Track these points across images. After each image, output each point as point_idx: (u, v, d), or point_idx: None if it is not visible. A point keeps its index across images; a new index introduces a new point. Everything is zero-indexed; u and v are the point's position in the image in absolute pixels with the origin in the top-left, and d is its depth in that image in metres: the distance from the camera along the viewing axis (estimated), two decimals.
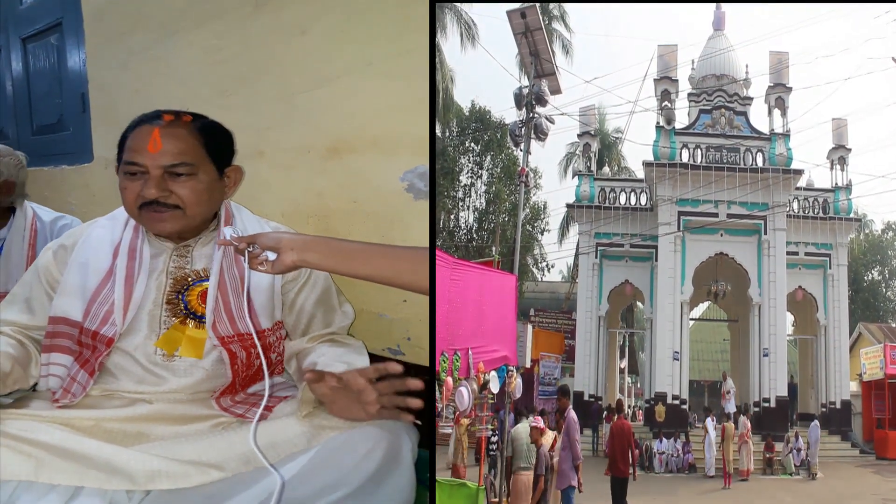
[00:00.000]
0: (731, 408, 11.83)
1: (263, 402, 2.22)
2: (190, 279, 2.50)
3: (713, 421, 11.06)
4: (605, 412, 11.85)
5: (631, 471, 6.63)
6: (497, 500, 5.71)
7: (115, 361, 2.41)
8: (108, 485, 2.01)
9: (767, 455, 10.87)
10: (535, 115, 9.07)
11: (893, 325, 16.23)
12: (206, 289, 2.46)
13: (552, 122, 9.37)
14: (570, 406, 5.99)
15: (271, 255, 2.17)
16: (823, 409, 12.42)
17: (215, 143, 2.48)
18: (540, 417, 5.92)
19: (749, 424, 10.48)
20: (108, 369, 2.41)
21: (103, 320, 2.39)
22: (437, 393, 4.88)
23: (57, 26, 5.42)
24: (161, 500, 2.04)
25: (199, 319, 2.44)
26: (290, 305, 2.63)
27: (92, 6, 5.00)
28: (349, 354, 2.51)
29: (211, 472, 2.08)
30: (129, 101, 4.49)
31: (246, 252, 2.18)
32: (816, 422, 11.23)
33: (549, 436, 5.97)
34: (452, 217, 16.96)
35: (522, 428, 5.82)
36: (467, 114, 17.03)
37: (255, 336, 2.35)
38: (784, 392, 12.12)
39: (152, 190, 2.31)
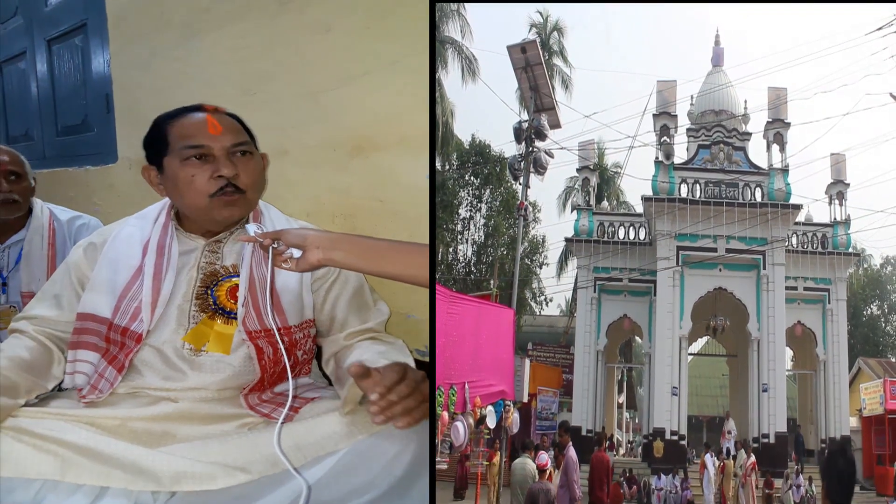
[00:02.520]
0: (732, 448, 11.74)
1: (288, 403, 2.22)
2: (219, 275, 2.50)
3: (712, 457, 10.97)
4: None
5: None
6: None
7: (142, 357, 2.40)
8: (134, 485, 2.02)
9: (767, 492, 10.77)
10: (535, 150, 9.11)
11: (893, 360, 16.17)
12: (235, 284, 2.46)
13: (551, 156, 9.41)
14: (570, 444, 5.94)
15: (296, 253, 2.13)
16: (823, 445, 12.32)
17: (249, 131, 2.55)
18: (544, 453, 5.86)
19: (754, 459, 10.38)
20: (135, 366, 2.41)
21: (133, 316, 2.40)
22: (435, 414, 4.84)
23: (81, 28, 5.47)
24: (186, 501, 2.03)
25: (228, 315, 2.43)
26: (322, 304, 2.61)
27: (116, 7, 5.05)
28: (391, 352, 2.47)
29: (237, 474, 2.07)
30: (152, 101, 4.49)
31: (270, 249, 2.16)
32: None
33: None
34: (451, 250, 16.96)
35: (520, 464, 5.77)
36: (467, 147, 17.10)
37: (276, 332, 2.33)
38: (783, 428, 12.04)
39: (228, 168, 2.34)
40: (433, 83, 3.00)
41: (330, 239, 2.12)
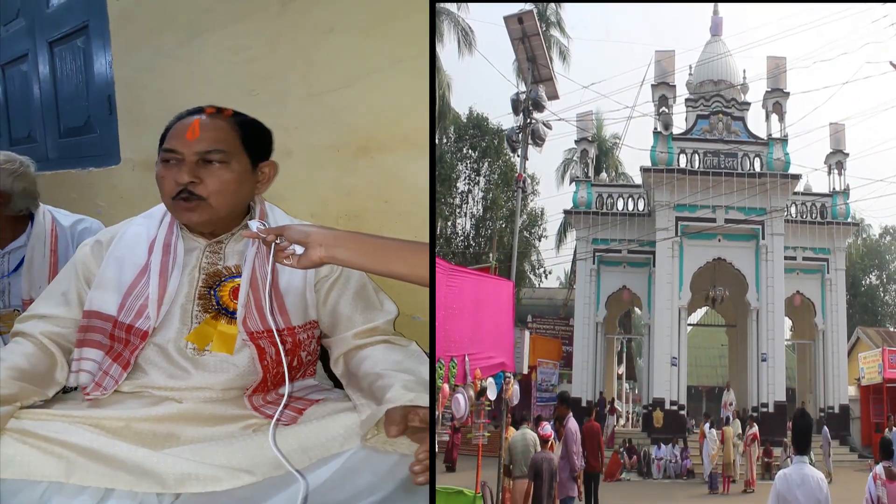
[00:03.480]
0: (732, 418, 11.80)
1: (283, 401, 2.21)
2: (222, 275, 2.49)
3: (711, 427, 11.02)
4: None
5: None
6: None
7: (146, 356, 2.40)
8: (139, 487, 2.02)
9: (766, 460, 10.84)
10: (533, 121, 9.03)
11: (891, 330, 16.24)
12: (238, 285, 2.45)
13: (549, 127, 9.34)
14: (570, 415, 5.95)
15: (298, 249, 2.09)
16: (822, 414, 12.39)
17: (252, 137, 2.49)
18: (547, 424, 5.88)
19: (755, 430, 10.42)
20: (139, 365, 2.40)
21: (138, 314, 2.39)
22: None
23: (83, 29, 5.45)
24: (191, 503, 2.03)
25: (231, 315, 2.42)
26: (324, 303, 2.58)
27: (118, 8, 5.01)
28: (408, 361, 2.44)
29: (241, 475, 2.07)
30: (155, 101, 4.50)
31: (272, 244, 2.13)
32: (826, 428, 11.20)
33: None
34: (449, 224, 16.93)
35: (520, 436, 5.78)
36: (465, 120, 17.02)
37: (276, 333, 2.31)
38: (782, 397, 12.10)
39: (184, 175, 2.31)
40: (433, 83, 2.98)
41: (333, 236, 2.08)
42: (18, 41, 6.33)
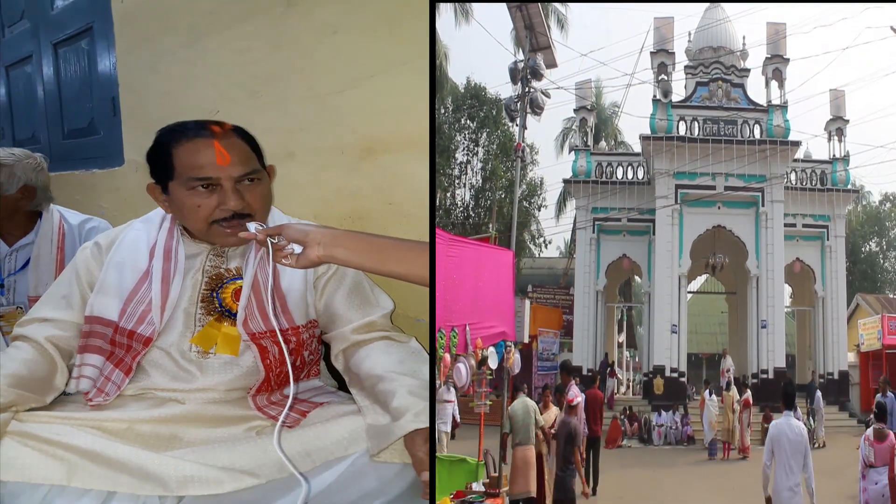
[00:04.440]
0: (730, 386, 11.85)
1: (288, 403, 2.21)
2: (224, 277, 2.49)
3: (711, 394, 11.07)
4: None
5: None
6: (496, 474, 5.71)
7: (150, 359, 2.40)
8: (141, 490, 2.03)
9: (765, 426, 10.89)
10: (531, 90, 8.97)
11: (891, 296, 16.25)
12: (240, 287, 2.45)
13: (548, 96, 9.27)
14: (572, 382, 5.98)
15: (297, 249, 2.09)
16: (821, 380, 12.45)
17: (257, 145, 2.50)
18: (574, 388, 5.93)
19: (747, 396, 10.47)
20: (143, 367, 2.41)
21: (140, 319, 2.39)
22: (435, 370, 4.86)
23: (87, 31, 5.47)
24: None
25: (234, 317, 2.43)
26: (320, 298, 2.58)
27: (121, 10, 5.02)
28: (409, 361, 2.42)
29: (244, 478, 2.08)
30: (159, 103, 4.53)
31: (270, 243, 2.12)
32: (819, 392, 11.27)
33: (552, 412, 5.97)
34: (448, 195, 16.89)
35: (520, 404, 5.81)
36: (462, 90, 16.92)
37: (279, 333, 2.30)
38: (782, 364, 12.15)
39: (234, 202, 2.29)
40: (433, 83, 2.95)
41: (332, 235, 2.06)
42: (23, 43, 6.36)
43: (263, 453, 2.13)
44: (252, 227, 2.19)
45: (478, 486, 5.60)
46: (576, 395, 5.97)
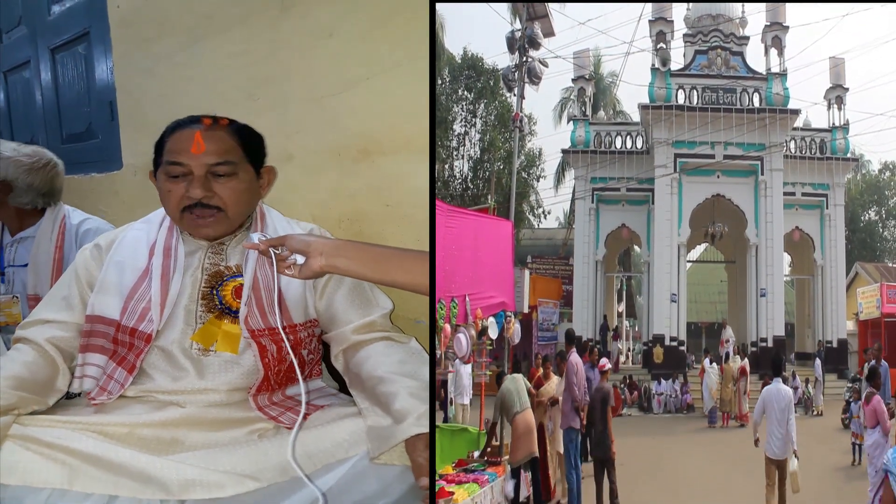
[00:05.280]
0: (731, 354, 11.89)
1: (302, 412, 2.19)
2: (224, 275, 2.49)
3: (711, 362, 11.12)
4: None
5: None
6: (497, 443, 5.74)
7: (151, 360, 2.39)
8: (143, 494, 2.02)
9: None
10: (529, 59, 8.95)
11: (890, 265, 16.27)
12: (240, 284, 2.45)
13: (546, 65, 9.27)
14: (574, 350, 5.99)
15: (300, 259, 2.10)
16: (820, 349, 12.51)
17: (251, 144, 2.49)
18: (605, 358, 6.01)
19: (744, 364, 10.51)
20: (143, 369, 2.40)
21: (140, 317, 2.38)
22: (435, 340, 4.87)
23: (84, 36, 5.49)
24: None
25: (234, 314, 2.42)
26: (320, 297, 2.58)
27: (118, 14, 5.03)
28: (410, 362, 2.42)
29: (246, 482, 2.07)
30: (156, 106, 4.53)
31: (273, 254, 2.13)
32: (819, 361, 11.32)
33: (553, 382, 5.98)
34: (447, 167, 16.85)
35: (510, 383, 5.78)
36: (459, 61, 16.82)
37: (281, 330, 2.30)
38: (781, 332, 12.20)
39: (198, 190, 2.32)
40: (433, 83, 2.94)
41: (334, 245, 2.09)
42: (20, 48, 6.38)
43: (265, 457, 2.13)
44: (255, 237, 2.18)
45: (479, 455, 5.64)
46: (605, 361, 6.14)
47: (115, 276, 2.47)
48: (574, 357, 5.83)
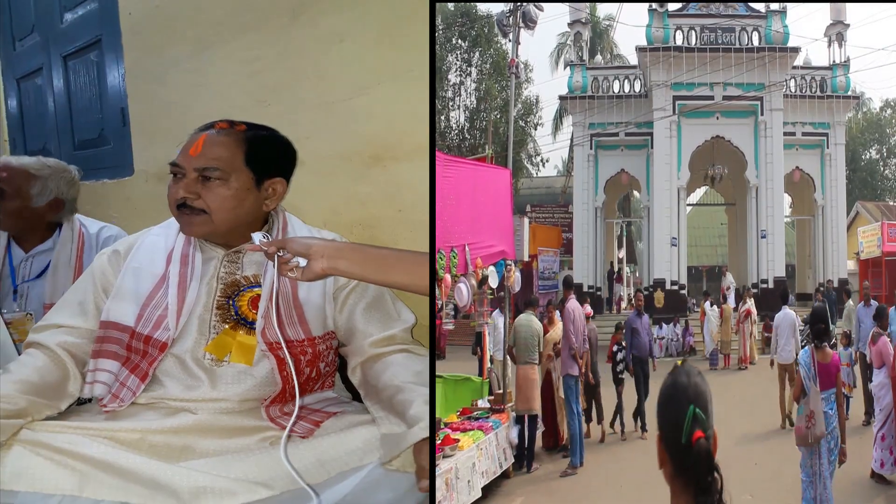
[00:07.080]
0: (731, 299, 11.90)
1: (294, 413, 2.19)
2: (241, 285, 2.46)
3: (712, 305, 11.15)
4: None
5: None
6: (500, 391, 5.77)
7: (164, 367, 2.37)
8: (153, 501, 2.00)
9: (766, 335, 10.99)
10: (523, 3, 8.77)
11: (891, 204, 16.26)
12: (257, 295, 2.42)
13: (541, 9, 9.07)
14: (572, 297, 5.97)
15: (302, 262, 2.08)
16: (821, 289, 12.52)
17: (260, 153, 2.43)
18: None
19: (748, 307, 10.51)
20: (156, 377, 2.37)
21: (156, 325, 2.36)
22: (436, 291, 4.85)
23: (96, 43, 5.52)
24: None
25: (250, 325, 2.40)
26: (340, 311, 2.54)
27: (130, 22, 5.04)
28: (427, 374, 2.41)
29: (258, 489, 2.05)
30: (167, 113, 4.54)
31: (275, 257, 2.11)
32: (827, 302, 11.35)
33: (558, 327, 5.99)
34: (443, 118, 16.74)
35: (525, 319, 5.82)
36: (452, 9, 16.61)
37: (283, 343, 2.28)
38: (782, 273, 12.20)
39: (181, 190, 2.30)
40: (433, 83, 2.92)
41: (335, 248, 2.07)
42: (33, 55, 6.42)
43: (277, 464, 2.11)
44: (257, 238, 2.16)
45: (483, 403, 5.67)
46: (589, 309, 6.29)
47: (131, 283, 2.45)
48: (572, 303, 5.81)
